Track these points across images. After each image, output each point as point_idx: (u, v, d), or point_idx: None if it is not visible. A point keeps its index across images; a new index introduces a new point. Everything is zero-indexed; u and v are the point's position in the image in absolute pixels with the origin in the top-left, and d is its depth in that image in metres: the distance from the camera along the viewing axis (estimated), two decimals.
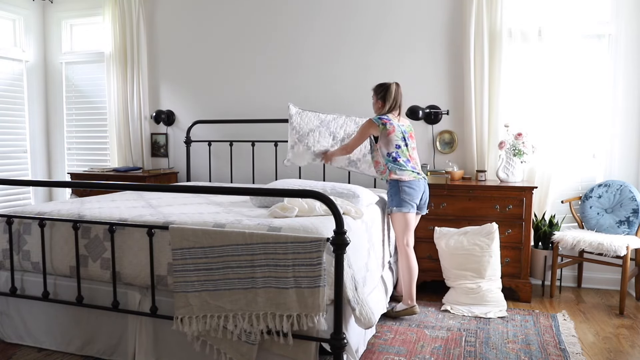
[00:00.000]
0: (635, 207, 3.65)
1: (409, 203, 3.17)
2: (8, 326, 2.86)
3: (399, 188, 3.16)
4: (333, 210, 2.05)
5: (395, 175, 3.16)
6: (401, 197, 3.16)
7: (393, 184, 3.19)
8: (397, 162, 3.17)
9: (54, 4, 5.31)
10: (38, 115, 5.39)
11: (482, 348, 2.82)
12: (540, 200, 3.95)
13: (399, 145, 3.19)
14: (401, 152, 3.19)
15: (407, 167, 3.18)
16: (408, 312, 3.26)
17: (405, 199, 3.16)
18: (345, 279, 2.18)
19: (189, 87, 4.91)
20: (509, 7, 3.94)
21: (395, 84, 3.27)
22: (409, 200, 3.17)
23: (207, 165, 4.87)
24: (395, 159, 3.18)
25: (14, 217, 2.74)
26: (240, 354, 2.27)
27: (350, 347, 2.34)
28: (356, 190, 3.08)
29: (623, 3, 3.83)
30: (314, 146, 3.67)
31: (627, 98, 3.87)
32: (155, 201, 3.28)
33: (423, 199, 3.29)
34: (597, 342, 2.96)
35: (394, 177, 3.17)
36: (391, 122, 3.20)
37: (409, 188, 3.16)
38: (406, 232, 3.23)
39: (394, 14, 4.27)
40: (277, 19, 4.58)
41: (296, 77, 4.56)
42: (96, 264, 2.59)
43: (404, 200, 3.16)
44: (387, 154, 3.20)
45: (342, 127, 3.79)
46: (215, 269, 2.25)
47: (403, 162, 3.18)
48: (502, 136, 3.94)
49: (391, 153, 3.18)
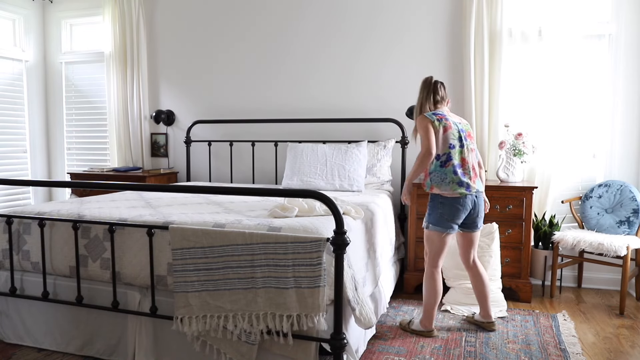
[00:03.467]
0: (636, 207, 3.65)
1: (449, 223, 2.81)
2: (8, 326, 2.86)
3: (439, 203, 2.81)
4: (333, 210, 2.05)
5: (437, 190, 2.80)
6: (440, 215, 2.81)
7: (432, 197, 2.86)
8: (445, 168, 2.77)
9: (53, 3, 5.30)
10: (38, 115, 5.39)
11: (482, 348, 2.82)
12: (540, 200, 3.95)
13: (454, 145, 2.80)
14: (454, 154, 2.79)
15: (454, 179, 2.76)
16: (424, 334, 2.98)
17: (445, 217, 2.80)
18: (345, 279, 2.18)
19: (189, 87, 4.91)
20: (509, 7, 3.94)
21: (430, 77, 2.95)
22: (449, 219, 2.80)
23: (207, 165, 4.87)
24: (444, 162, 2.78)
25: (14, 217, 2.73)
26: (240, 354, 2.26)
27: (350, 347, 2.34)
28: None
29: (623, 3, 3.82)
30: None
31: (627, 98, 3.87)
32: (155, 201, 3.27)
33: (473, 214, 2.87)
34: (597, 342, 2.96)
35: (435, 191, 2.82)
36: (447, 117, 2.84)
37: (452, 206, 2.78)
38: (438, 254, 2.89)
39: (394, 14, 4.27)
40: (277, 19, 4.58)
41: (296, 77, 4.56)
42: (96, 264, 2.59)
43: (444, 218, 2.80)
44: (436, 157, 2.81)
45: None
46: (215, 269, 2.24)
47: (451, 169, 2.77)
48: (502, 136, 3.94)
49: (441, 156, 2.80)
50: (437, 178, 2.80)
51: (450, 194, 2.78)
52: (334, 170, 3.97)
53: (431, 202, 2.88)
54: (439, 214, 2.82)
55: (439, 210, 2.82)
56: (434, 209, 2.84)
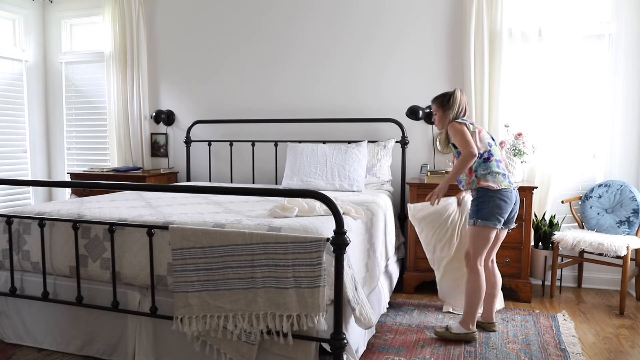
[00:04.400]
0: (636, 207, 3.65)
1: (498, 217, 2.79)
2: (8, 326, 2.86)
3: (489, 198, 2.78)
4: (333, 210, 2.05)
5: (485, 183, 2.79)
6: (490, 209, 2.78)
7: (482, 193, 2.81)
8: (488, 162, 2.81)
9: (53, 3, 5.30)
10: (38, 115, 5.39)
11: (482, 348, 2.82)
12: (540, 200, 3.95)
13: (491, 143, 2.87)
14: (494, 151, 2.85)
15: (499, 171, 2.81)
16: (468, 337, 2.88)
17: (495, 211, 2.78)
18: (345, 279, 2.18)
19: (189, 87, 4.91)
20: (509, 7, 3.94)
21: (458, 89, 2.94)
22: (498, 213, 2.79)
23: (207, 165, 4.87)
24: (487, 158, 2.82)
25: (14, 217, 2.73)
26: (240, 354, 2.26)
27: (350, 347, 2.34)
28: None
29: (623, 3, 3.82)
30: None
31: (627, 98, 3.87)
32: (155, 201, 3.27)
33: (513, 212, 2.90)
34: (597, 342, 2.96)
35: (483, 184, 2.79)
36: (474, 123, 2.89)
37: (500, 200, 2.77)
38: (484, 249, 2.87)
39: (394, 15, 4.27)
40: (277, 19, 4.58)
41: (297, 77, 4.56)
42: (96, 264, 2.59)
43: (493, 213, 2.78)
44: (479, 155, 2.83)
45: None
46: (215, 269, 2.24)
47: (495, 163, 2.82)
48: (502, 136, 3.94)
49: (483, 153, 2.83)
50: (482, 171, 2.82)
51: (497, 186, 2.78)
52: (334, 170, 3.97)
53: (480, 197, 2.83)
54: (489, 208, 2.79)
55: (488, 204, 2.79)
56: (484, 204, 2.80)
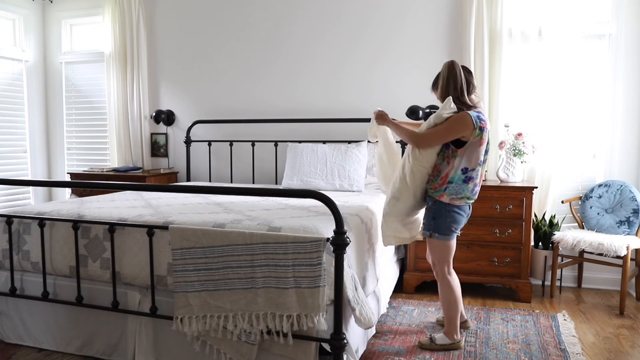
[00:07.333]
0: (636, 207, 3.65)
1: (454, 231, 2.71)
2: (7, 326, 2.86)
3: (446, 211, 2.66)
4: (333, 210, 2.05)
5: (448, 200, 2.64)
6: (447, 224, 2.68)
7: (439, 205, 2.67)
8: (466, 184, 2.60)
9: (53, 3, 5.30)
10: (38, 115, 5.39)
11: (482, 348, 2.82)
12: (540, 200, 3.95)
13: (482, 161, 2.63)
14: (479, 171, 2.63)
15: (470, 196, 2.65)
16: (453, 347, 2.79)
17: (452, 226, 2.69)
18: (345, 279, 2.18)
19: (189, 87, 4.91)
20: (509, 7, 3.94)
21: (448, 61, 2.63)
22: (455, 227, 2.70)
23: (207, 165, 4.87)
24: (468, 179, 2.60)
25: (14, 217, 2.73)
26: (240, 354, 2.26)
27: (350, 347, 2.34)
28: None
29: (623, 3, 3.83)
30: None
31: (627, 98, 3.87)
32: (155, 201, 3.27)
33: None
34: (597, 342, 2.96)
35: (445, 200, 2.64)
36: (487, 128, 2.59)
37: (457, 214, 2.67)
38: (449, 257, 2.77)
39: (396, 15, 4.27)
40: (277, 19, 4.58)
41: (297, 77, 4.56)
42: (96, 264, 2.59)
43: (450, 227, 2.69)
44: (463, 170, 2.60)
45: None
46: (215, 269, 2.24)
47: (471, 187, 2.62)
48: (502, 136, 3.94)
49: (469, 171, 2.60)
50: (453, 190, 2.62)
51: (459, 202, 2.65)
52: (334, 170, 3.97)
53: (436, 210, 2.69)
54: (446, 223, 2.68)
55: (445, 218, 2.67)
56: (440, 217, 2.68)
